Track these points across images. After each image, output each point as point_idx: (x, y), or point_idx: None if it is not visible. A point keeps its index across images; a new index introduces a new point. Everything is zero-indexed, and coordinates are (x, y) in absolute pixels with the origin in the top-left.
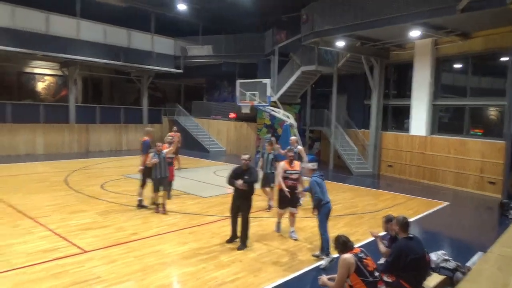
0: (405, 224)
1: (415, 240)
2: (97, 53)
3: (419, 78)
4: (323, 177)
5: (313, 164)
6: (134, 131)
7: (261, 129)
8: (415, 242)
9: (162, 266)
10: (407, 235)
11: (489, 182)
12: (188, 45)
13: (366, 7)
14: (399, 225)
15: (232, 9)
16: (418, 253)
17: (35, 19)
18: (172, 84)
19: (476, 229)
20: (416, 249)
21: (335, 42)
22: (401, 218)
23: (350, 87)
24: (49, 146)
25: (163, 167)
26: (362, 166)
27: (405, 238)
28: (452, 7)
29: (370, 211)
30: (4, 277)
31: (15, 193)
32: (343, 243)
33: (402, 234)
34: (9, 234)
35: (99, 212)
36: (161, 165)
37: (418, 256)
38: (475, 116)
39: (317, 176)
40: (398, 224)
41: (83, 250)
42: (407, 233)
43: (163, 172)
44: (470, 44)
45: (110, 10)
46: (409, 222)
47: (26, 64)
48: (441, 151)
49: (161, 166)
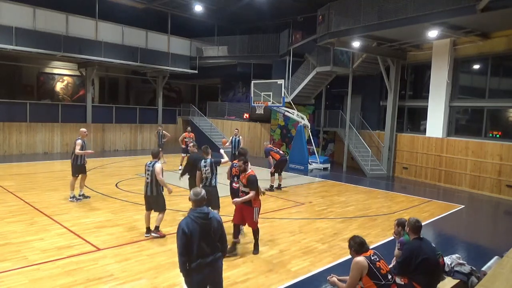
0: (417, 227)
1: (425, 242)
2: (115, 53)
3: (437, 79)
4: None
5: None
6: (149, 131)
7: (274, 130)
8: (425, 244)
9: (174, 265)
10: (418, 236)
11: (507, 186)
12: (204, 46)
13: (383, 7)
14: (410, 227)
15: (247, 10)
16: (428, 254)
17: (55, 21)
18: (187, 85)
19: (493, 233)
20: (426, 250)
21: (351, 42)
22: (413, 220)
23: (365, 88)
24: (66, 145)
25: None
26: (376, 168)
27: (415, 239)
28: (472, 7)
29: (384, 213)
30: (21, 273)
31: (33, 191)
32: (360, 243)
33: (413, 235)
34: (26, 231)
35: (113, 211)
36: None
37: (429, 257)
38: (493, 118)
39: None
40: (409, 225)
41: (97, 248)
42: (418, 234)
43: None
44: (491, 45)
45: (127, 11)
46: (421, 224)
47: (45, 65)
48: (458, 154)
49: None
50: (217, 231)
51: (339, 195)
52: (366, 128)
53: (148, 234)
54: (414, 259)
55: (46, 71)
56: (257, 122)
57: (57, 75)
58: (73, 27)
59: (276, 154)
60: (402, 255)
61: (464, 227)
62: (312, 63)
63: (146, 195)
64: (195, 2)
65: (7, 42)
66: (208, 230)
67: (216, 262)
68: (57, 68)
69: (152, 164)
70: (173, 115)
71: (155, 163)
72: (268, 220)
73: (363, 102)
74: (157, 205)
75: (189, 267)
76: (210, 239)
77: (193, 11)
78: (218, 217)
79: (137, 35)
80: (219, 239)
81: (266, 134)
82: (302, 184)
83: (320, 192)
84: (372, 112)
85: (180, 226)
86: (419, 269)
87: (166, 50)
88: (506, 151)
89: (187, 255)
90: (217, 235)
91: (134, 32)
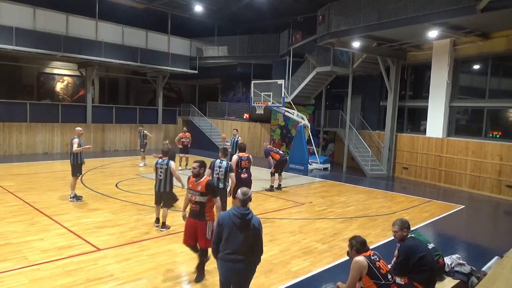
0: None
1: (417, 240)
2: (115, 53)
3: (437, 79)
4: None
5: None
6: (149, 131)
7: (274, 130)
8: (419, 241)
9: (174, 265)
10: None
11: (507, 186)
12: (204, 46)
13: (383, 7)
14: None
15: (247, 10)
16: (424, 251)
17: (55, 21)
18: (187, 85)
19: (493, 233)
20: (422, 247)
21: (351, 42)
22: (404, 220)
23: (365, 88)
24: (66, 145)
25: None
26: (376, 168)
27: (408, 238)
28: (472, 7)
29: (384, 214)
30: (21, 273)
31: (33, 191)
32: (362, 243)
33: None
34: (27, 231)
35: (113, 211)
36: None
37: (425, 254)
38: (493, 118)
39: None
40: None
41: (97, 248)
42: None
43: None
44: (491, 45)
45: (127, 11)
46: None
47: (45, 65)
48: (458, 154)
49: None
50: (249, 235)
51: (339, 195)
52: (366, 128)
53: (158, 224)
54: (412, 258)
55: (46, 71)
56: (257, 122)
57: (57, 75)
58: (73, 27)
59: (276, 154)
60: (401, 254)
61: (464, 227)
62: (312, 63)
63: (158, 191)
64: (195, 2)
65: (7, 42)
66: (240, 229)
67: (237, 263)
68: (57, 68)
69: (166, 163)
70: (173, 115)
71: (168, 161)
72: (268, 220)
73: (363, 102)
74: (167, 200)
75: (217, 255)
76: (238, 239)
77: (193, 11)
78: (257, 223)
79: (137, 35)
80: (250, 244)
81: (266, 134)
82: (302, 184)
83: (320, 192)
84: (372, 112)
85: (219, 216)
86: (417, 267)
87: (166, 50)
88: (506, 151)
89: (217, 244)
90: (248, 239)
91: (134, 32)
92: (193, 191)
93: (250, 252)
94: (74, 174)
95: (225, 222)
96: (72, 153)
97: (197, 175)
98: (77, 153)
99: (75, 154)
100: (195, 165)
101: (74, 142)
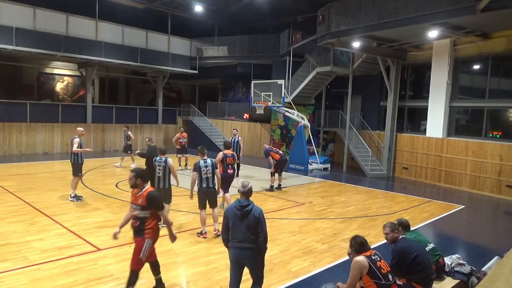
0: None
1: (409, 240)
2: (115, 54)
3: (437, 79)
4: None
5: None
6: (149, 131)
7: (274, 130)
8: (410, 241)
9: (174, 265)
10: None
11: (507, 186)
12: (204, 46)
13: (383, 7)
14: (402, 227)
15: (247, 10)
16: (417, 251)
17: (55, 21)
18: (187, 85)
19: (493, 233)
20: (414, 247)
21: (351, 42)
22: (403, 220)
23: (365, 88)
24: (66, 145)
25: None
26: (376, 168)
27: (401, 239)
28: (472, 7)
29: (384, 214)
30: (21, 273)
31: (33, 191)
32: (361, 243)
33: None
34: (27, 231)
35: (113, 211)
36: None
37: (419, 253)
38: (493, 118)
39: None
40: (401, 225)
41: (97, 248)
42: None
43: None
44: (491, 45)
45: (127, 11)
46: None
47: (45, 65)
48: (458, 154)
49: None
50: (251, 224)
51: (339, 195)
52: (366, 128)
53: (160, 221)
54: (406, 259)
55: (46, 71)
56: (257, 122)
57: (57, 75)
58: (73, 27)
59: (275, 154)
60: (395, 256)
61: (464, 227)
62: (312, 63)
63: (158, 188)
64: (195, 2)
65: (7, 42)
66: (241, 219)
67: (243, 250)
68: (57, 68)
69: (164, 160)
70: (173, 115)
71: (166, 159)
72: (268, 220)
73: (363, 102)
74: (166, 196)
75: (226, 244)
76: (241, 228)
77: (193, 11)
78: (257, 213)
79: (137, 35)
80: (253, 231)
81: (266, 134)
82: (302, 184)
83: (320, 192)
84: (372, 112)
85: (226, 209)
86: (412, 268)
87: (166, 50)
88: (506, 151)
89: (225, 234)
90: (250, 228)
91: (134, 32)
92: (134, 204)
93: (255, 240)
94: (76, 174)
95: (229, 214)
96: (73, 153)
97: (134, 186)
98: (77, 153)
99: (75, 154)
100: (130, 175)
101: (74, 141)
